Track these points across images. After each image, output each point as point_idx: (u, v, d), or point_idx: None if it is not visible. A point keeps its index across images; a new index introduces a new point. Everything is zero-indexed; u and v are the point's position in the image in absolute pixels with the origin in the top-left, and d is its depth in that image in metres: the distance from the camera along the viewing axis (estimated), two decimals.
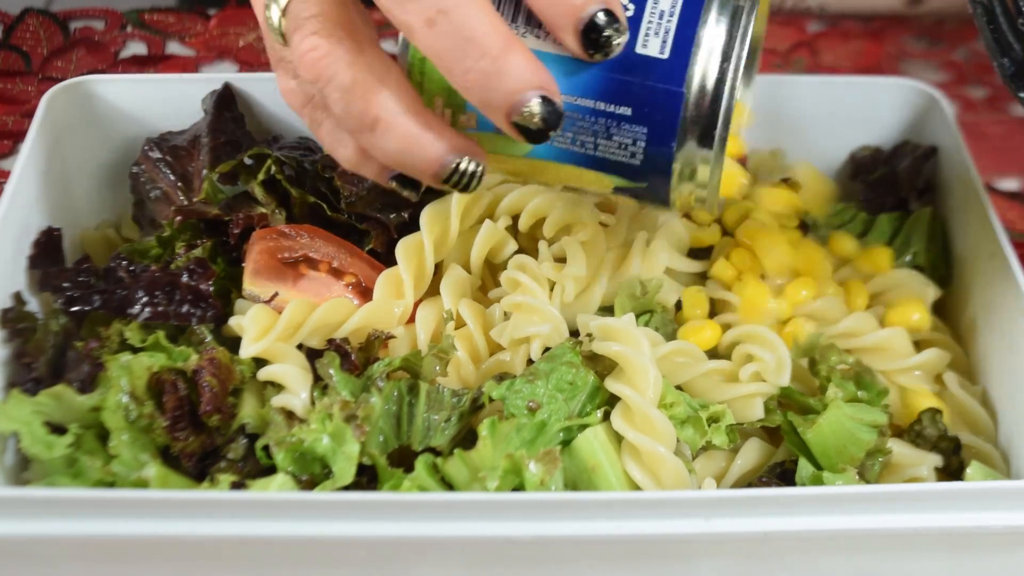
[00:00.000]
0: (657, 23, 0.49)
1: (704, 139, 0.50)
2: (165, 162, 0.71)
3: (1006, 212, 0.85)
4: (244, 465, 0.60)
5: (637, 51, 0.49)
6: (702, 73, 0.49)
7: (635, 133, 0.50)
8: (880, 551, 0.58)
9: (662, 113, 0.49)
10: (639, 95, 0.49)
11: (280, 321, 0.63)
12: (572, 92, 0.50)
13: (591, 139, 0.50)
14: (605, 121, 0.50)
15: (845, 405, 0.61)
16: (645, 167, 0.50)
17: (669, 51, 0.49)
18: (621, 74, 0.49)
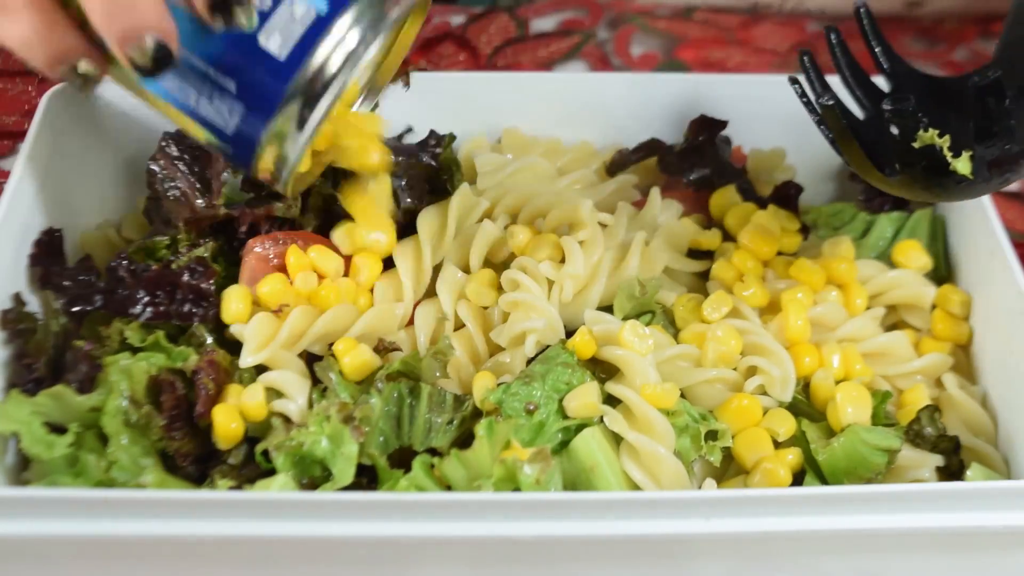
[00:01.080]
0: (286, 24, 0.52)
1: (288, 140, 0.54)
2: (183, 160, 0.71)
3: (1006, 212, 0.85)
4: (244, 470, 0.60)
5: (259, 41, 0.52)
6: (304, 87, 0.52)
7: (232, 107, 0.54)
8: (880, 551, 0.58)
9: (260, 103, 0.53)
10: (246, 79, 0.53)
11: (282, 331, 0.63)
12: (192, 49, 0.53)
13: (195, 95, 0.54)
14: (211, 86, 0.53)
15: (862, 430, 0.61)
16: (235, 138, 0.55)
17: (286, 54, 0.52)
18: (238, 54, 0.53)
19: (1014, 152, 0.57)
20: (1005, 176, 0.58)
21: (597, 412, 0.60)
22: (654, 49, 1.00)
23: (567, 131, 0.79)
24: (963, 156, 0.56)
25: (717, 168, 0.74)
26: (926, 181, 0.58)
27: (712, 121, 0.75)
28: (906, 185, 0.60)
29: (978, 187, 0.58)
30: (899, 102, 0.57)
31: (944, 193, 0.60)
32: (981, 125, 0.57)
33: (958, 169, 0.56)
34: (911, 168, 0.58)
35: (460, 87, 0.78)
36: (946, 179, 0.57)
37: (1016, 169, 0.58)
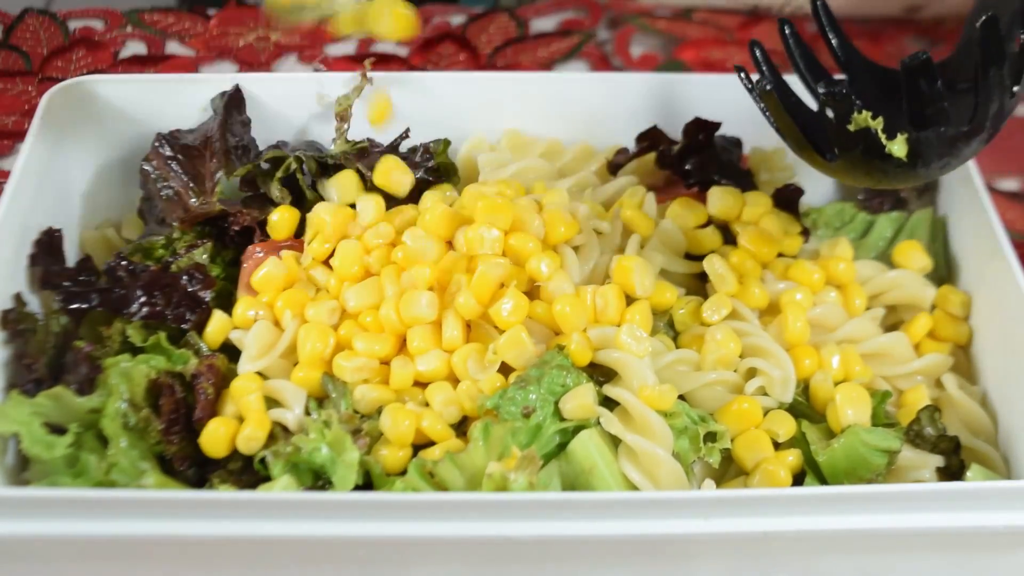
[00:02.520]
0: None
1: None
2: (177, 160, 0.71)
3: (1006, 212, 0.85)
4: (242, 475, 0.60)
5: None
6: None
7: None
8: (880, 551, 0.58)
9: None
10: None
11: (282, 340, 0.63)
12: None
13: None
14: None
15: (862, 431, 0.61)
16: None
17: None
18: None
19: (950, 135, 0.57)
20: (944, 160, 0.58)
21: (593, 413, 0.60)
22: (654, 49, 1.00)
23: (567, 131, 0.79)
24: (898, 139, 0.56)
25: (717, 168, 0.74)
26: (866, 165, 0.58)
27: (706, 123, 0.75)
28: (847, 170, 0.60)
29: (918, 172, 0.58)
30: (832, 84, 0.57)
31: (885, 178, 0.59)
32: (915, 108, 0.57)
33: (893, 152, 0.56)
34: (850, 152, 0.58)
35: (460, 87, 0.78)
36: (884, 163, 0.57)
37: (954, 153, 0.58)
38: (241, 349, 0.63)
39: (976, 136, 0.58)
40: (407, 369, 0.62)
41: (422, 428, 0.60)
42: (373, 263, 0.65)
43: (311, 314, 0.64)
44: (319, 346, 0.62)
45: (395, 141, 0.74)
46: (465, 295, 0.62)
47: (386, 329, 0.63)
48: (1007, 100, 0.57)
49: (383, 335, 0.63)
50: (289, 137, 0.77)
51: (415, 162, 0.73)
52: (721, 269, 0.68)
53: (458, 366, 0.62)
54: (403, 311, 0.62)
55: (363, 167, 0.71)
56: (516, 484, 0.55)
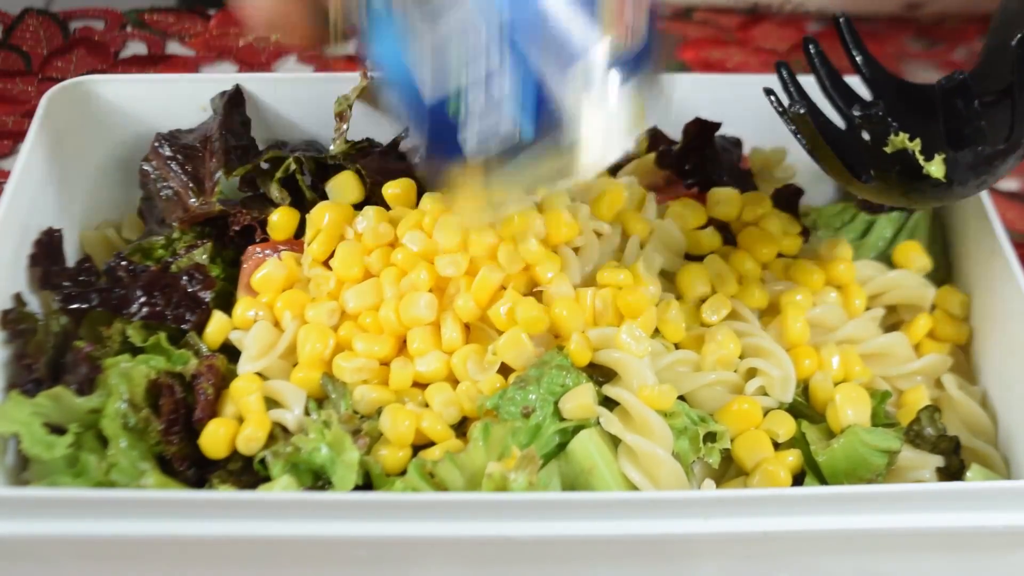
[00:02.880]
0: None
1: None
2: (177, 160, 0.71)
3: (1006, 212, 0.85)
4: (242, 476, 0.60)
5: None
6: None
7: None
8: (880, 551, 0.58)
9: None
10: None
11: (282, 341, 0.63)
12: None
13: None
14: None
15: (861, 431, 0.61)
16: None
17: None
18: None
19: (987, 154, 0.57)
20: (982, 179, 0.58)
21: (593, 413, 0.60)
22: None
23: None
24: (936, 159, 0.56)
25: (717, 168, 0.74)
26: (902, 186, 0.58)
27: (706, 123, 0.75)
28: (882, 191, 0.60)
29: (955, 191, 0.58)
30: (868, 107, 0.57)
31: (922, 198, 0.59)
32: (951, 127, 0.57)
33: (931, 172, 0.56)
34: (886, 173, 0.58)
35: None
36: (921, 183, 0.57)
37: (992, 171, 0.58)
38: (241, 350, 0.63)
39: (1013, 153, 0.57)
40: (407, 370, 0.62)
41: (422, 428, 0.60)
42: (373, 264, 0.65)
43: (311, 315, 0.64)
44: (319, 347, 0.62)
45: (394, 141, 0.74)
46: (464, 298, 0.62)
47: (385, 330, 0.63)
48: None
49: (383, 336, 0.63)
50: (289, 137, 0.77)
51: (414, 162, 0.73)
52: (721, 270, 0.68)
53: (458, 367, 0.62)
54: (402, 312, 0.62)
55: (363, 167, 0.71)
56: (516, 484, 0.55)
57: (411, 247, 0.64)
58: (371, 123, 0.76)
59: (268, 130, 0.76)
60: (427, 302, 0.62)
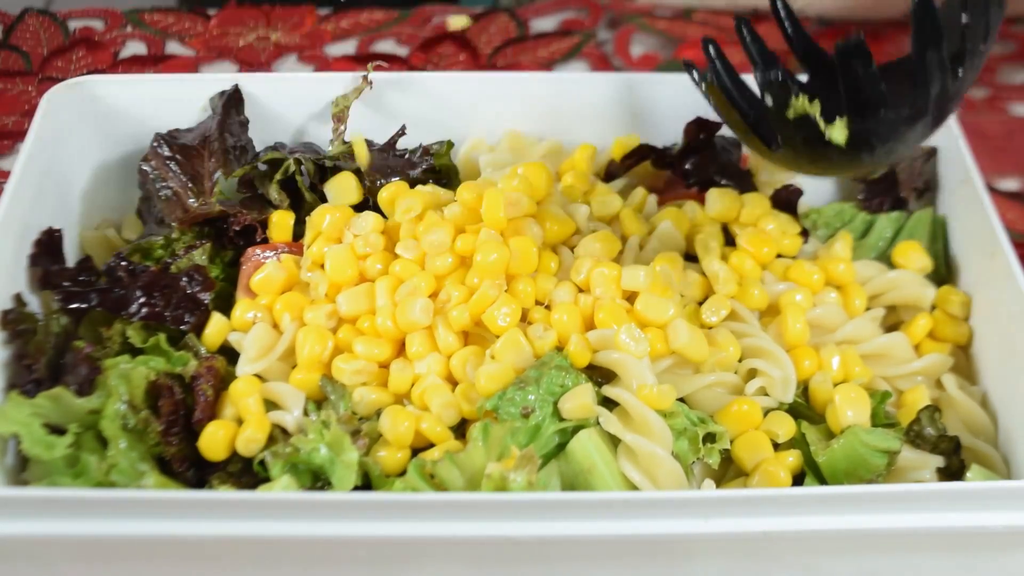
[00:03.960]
0: None
1: None
2: (175, 160, 0.71)
3: (1006, 212, 0.85)
4: (242, 477, 0.60)
5: None
6: None
7: None
8: (880, 551, 0.58)
9: None
10: None
11: (281, 343, 0.63)
12: None
13: None
14: None
15: (861, 431, 0.61)
16: None
17: None
18: None
19: (890, 119, 0.56)
20: (888, 146, 0.57)
21: (592, 413, 0.60)
22: (654, 49, 1.00)
23: (567, 131, 0.79)
24: (837, 123, 0.55)
25: (717, 169, 0.74)
26: (809, 153, 0.57)
27: (707, 123, 0.75)
28: (791, 159, 0.59)
29: (862, 158, 0.57)
30: (769, 72, 0.56)
31: (830, 165, 0.58)
32: (851, 92, 0.56)
33: (833, 137, 0.55)
34: (792, 140, 0.57)
35: (460, 87, 0.78)
36: (827, 149, 0.56)
37: (897, 138, 0.57)
38: (240, 351, 0.63)
39: (919, 120, 0.56)
40: (406, 372, 0.62)
41: (421, 430, 0.60)
42: (368, 268, 0.65)
43: (309, 317, 0.64)
44: (317, 349, 0.62)
45: (391, 139, 0.74)
46: (460, 310, 0.62)
47: (383, 334, 0.63)
48: (950, 83, 0.56)
49: (382, 339, 0.63)
50: (287, 137, 0.77)
51: (413, 162, 0.73)
52: (721, 271, 0.68)
53: (456, 369, 0.62)
54: (399, 317, 0.62)
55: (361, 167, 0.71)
56: (515, 484, 0.55)
57: (406, 255, 0.64)
58: (369, 124, 0.76)
59: (267, 130, 0.76)
60: (423, 306, 0.62)
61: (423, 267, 0.64)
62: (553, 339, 0.62)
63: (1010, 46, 1.02)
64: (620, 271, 0.64)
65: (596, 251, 0.66)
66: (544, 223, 0.66)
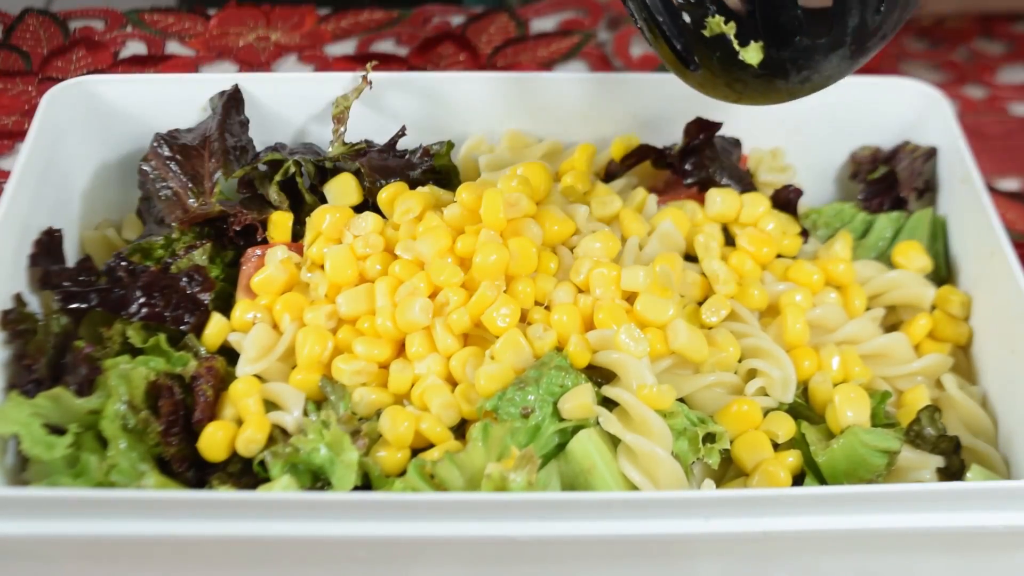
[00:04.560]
0: None
1: None
2: (176, 161, 0.71)
3: (1006, 212, 0.85)
4: (242, 477, 0.60)
5: None
6: None
7: None
8: (880, 551, 0.58)
9: None
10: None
11: (280, 343, 0.63)
12: None
13: None
14: None
15: (861, 432, 0.61)
16: None
17: None
18: None
19: (805, 46, 0.56)
20: (803, 74, 0.57)
21: (592, 413, 0.60)
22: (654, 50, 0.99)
23: (567, 131, 0.79)
24: (752, 46, 0.55)
25: (717, 169, 0.74)
26: (725, 75, 0.57)
27: (707, 123, 0.75)
28: (708, 82, 0.59)
29: (777, 85, 0.57)
30: None
31: (745, 90, 0.58)
32: (767, 15, 0.56)
33: (747, 59, 0.55)
34: (709, 60, 0.57)
35: (460, 87, 0.78)
36: (743, 72, 0.56)
37: (814, 68, 0.57)
38: (240, 352, 0.63)
39: (836, 50, 0.56)
40: (406, 373, 0.62)
41: (421, 430, 0.60)
42: (368, 269, 0.65)
43: (309, 318, 0.64)
44: (317, 349, 0.62)
45: (391, 140, 0.74)
46: (459, 313, 0.62)
47: (383, 335, 0.63)
48: (871, 16, 0.56)
49: (381, 339, 0.63)
50: (287, 137, 0.77)
51: (413, 163, 0.73)
52: (721, 271, 0.68)
53: (456, 370, 0.62)
54: (398, 317, 0.62)
55: (362, 166, 0.71)
56: (515, 484, 0.55)
57: (405, 256, 0.64)
58: (369, 124, 0.76)
59: (267, 130, 0.76)
60: (422, 307, 0.62)
61: (422, 268, 0.65)
62: (553, 339, 0.62)
63: (1010, 46, 1.02)
64: (620, 271, 0.64)
65: (596, 251, 0.66)
66: (544, 223, 0.66)
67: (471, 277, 0.64)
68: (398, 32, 1.01)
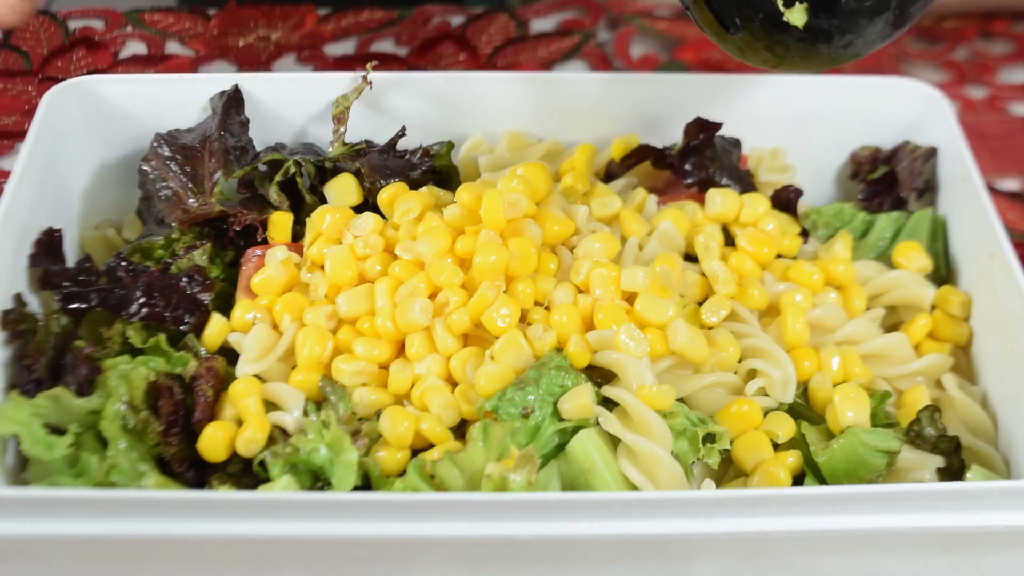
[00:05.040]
0: None
1: None
2: (176, 161, 0.71)
3: (1006, 212, 0.85)
4: (242, 478, 0.60)
5: None
6: None
7: None
8: (880, 551, 0.58)
9: None
10: None
11: (280, 343, 0.63)
12: None
13: None
14: None
15: (861, 432, 0.61)
16: None
17: None
18: None
19: (851, 9, 0.55)
20: (847, 39, 0.56)
21: (592, 413, 0.60)
22: (654, 50, 1.00)
23: (567, 131, 0.79)
24: (797, 7, 0.55)
25: (718, 169, 0.74)
26: (766, 38, 0.57)
27: (707, 123, 0.75)
28: (749, 45, 0.58)
29: (819, 49, 0.57)
30: None
31: (787, 54, 0.58)
32: None
33: (792, 20, 0.55)
34: (751, 23, 0.57)
35: (460, 87, 0.78)
36: (784, 35, 0.56)
37: (857, 31, 0.56)
38: (240, 352, 0.63)
39: (880, 15, 0.56)
40: (406, 373, 0.62)
41: (421, 430, 0.60)
42: (367, 269, 0.65)
43: (309, 318, 0.64)
44: (317, 350, 0.62)
45: (391, 140, 0.74)
46: (459, 313, 0.62)
47: (383, 335, 0.63)
48: None
49: (381, 340, 0.63)
50: (287, 138, 0.77)
51: (413, 163, 0.73)
52: (720, 271, 0.68)
53: (456, 370, 0.62)
54: (398, 318, 0.62)
55: (362, 166, 0.71)
56: (515, 484, 0.55)
57: (405, 256, 0.64)
58: (369, 124, 0.76)
59: (267, 130, 0.76)
60: (422, 307, 0.62)
61: (422, 268, 0.65)
62: (553, 340, 0.62)
63: (1010, 46, 1.02)
64: (619, 272, 0.64)
65: (595, 252, 0.66)
66: (543, 224, 0.66)
67: (471, 277, 0.64)
68: (398, 32, 1.01)
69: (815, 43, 0.56)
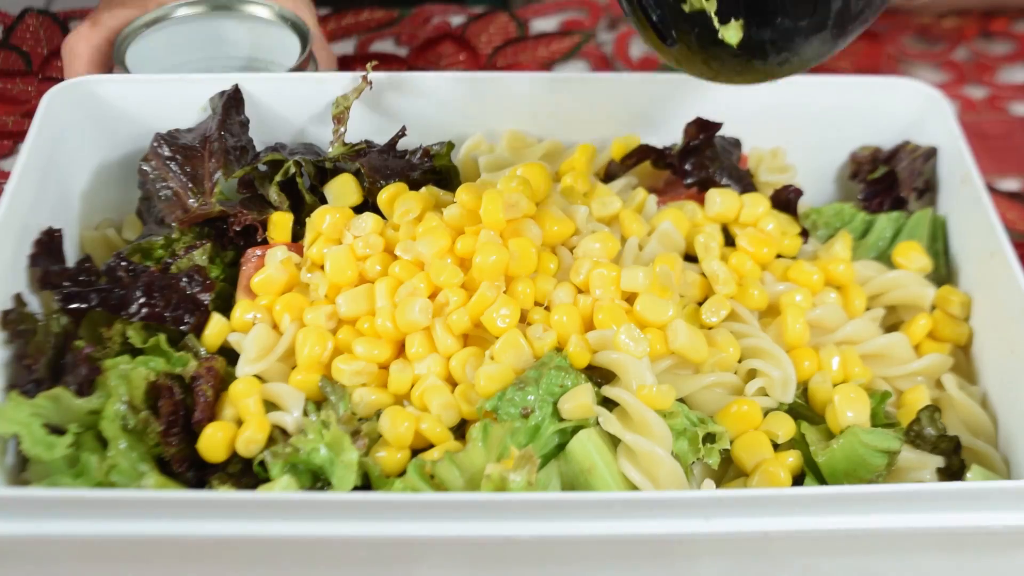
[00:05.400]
0: None
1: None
2: (175, 161, 0.71)
3: (1006, 212, 0.85)
4: (242, 478, 0.60)
5: None
6: None
7: None
8: (880, 551, 0.58)
9: None
10: None
11: (280, 343, 0.63)
12: None
13: None
14: None
15: (861, 432, 0.61)
16: None
17: None
18: None
19: (786, 27, 0.55)
20: (783, 56, 0.56)
21: (592, 413, 0.60)
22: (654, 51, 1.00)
23: (567, 131, 0.79)
24: (732, 24, 0.55)
25: (718, 169, 0.74)
26: (702, 52, 0.57)
27: (707, 123, 0.75)
28: (685, 57, 0.58)
29: (755, 65, 0.57)
30: None
31: (723, 68, 0.58)
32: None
33: (727, 38, 0.55)
34: (687, 36, 0.56)
35: (460, 87, 0.78)
36: (720, 50, 0.55)
37: (793, 49, 0.56)
38: (240, 352, 0.63)
39: (817, 33, 0.56)
40: (406, 373, 0.62)
41: (421, 430, 0.60)
42: (368, 270, 0.65)
43: (309, 318, 0.64)
44: (317, 350, 0.62)
45: (391, 140, 0.74)
46: (459, 313, 0.62)
47: (382, 335, 0.63)
48: (854, 1, 0.56)
49: (381, 340, 0.63)
50: (287, 138, 0.77)
51: (413, 163, 0.73)
52: (720, 271, 0.68)
53: (456, 370, 0.62)
54: (398, 318, 0.62)
55: (362, 166, 0.71)
56: (515, 484, 0.55)
57: (405, 256, 0.64)
58: (369, 124, 0.76)
59: (267, 130, 0.76)
60: (422, 307, 0.62)
61: (422, 268, 0.65)
62: (553, 340, 0.62)
63: (1010, 46, 1.02)
64: (619, 272, 0.64)
65: (595, 252, 0.66)
66: (543, 224, 0.66)
67: (471, 277, 0.64)
68: (398, 32, 1.01)
69: (751, 59, 0.56)
